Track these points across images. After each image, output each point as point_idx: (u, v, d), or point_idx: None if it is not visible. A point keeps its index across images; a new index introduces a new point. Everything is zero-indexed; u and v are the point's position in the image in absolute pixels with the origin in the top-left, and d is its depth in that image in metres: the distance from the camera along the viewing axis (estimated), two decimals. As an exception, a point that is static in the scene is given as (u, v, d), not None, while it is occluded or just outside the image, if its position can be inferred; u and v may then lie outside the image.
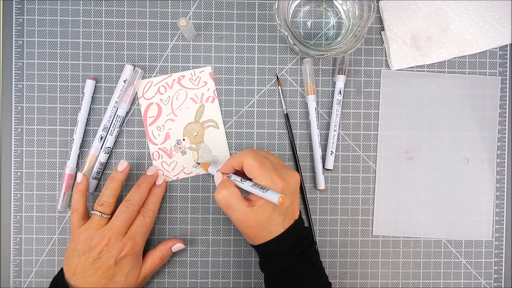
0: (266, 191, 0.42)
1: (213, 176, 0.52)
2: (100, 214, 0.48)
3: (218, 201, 0.45)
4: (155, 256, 0.51)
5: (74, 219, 0.49)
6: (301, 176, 0.54)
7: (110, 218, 0.49)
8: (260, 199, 0.44)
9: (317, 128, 0.54)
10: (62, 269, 0.48)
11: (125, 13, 0.54)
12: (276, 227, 0.45)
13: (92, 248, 0.46)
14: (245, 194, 0.46)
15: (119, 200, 0.50)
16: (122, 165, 0.50)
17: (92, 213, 0.49)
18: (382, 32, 0.55)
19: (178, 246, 0.52)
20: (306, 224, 0.54)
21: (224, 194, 0.45)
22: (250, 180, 0.45)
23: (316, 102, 0.54)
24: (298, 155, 0.55)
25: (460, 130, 0.56)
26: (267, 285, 0.47)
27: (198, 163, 0.54)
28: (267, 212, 0.44)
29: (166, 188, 0.54)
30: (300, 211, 0.48)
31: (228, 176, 0.47)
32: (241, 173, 0.47)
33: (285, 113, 0.54)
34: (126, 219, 0.48)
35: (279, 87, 0.54)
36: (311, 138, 0.55)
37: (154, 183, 0.52)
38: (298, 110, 0.55)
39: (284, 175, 0.45)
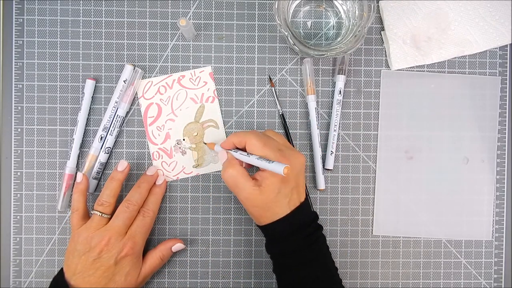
0: (272, 162, 0.42)
1: (217, 173, 0.52)
2: (100, 214, 0.48)
3: (225, 180, 0.45)
4: (155, 256, 0.51)
5: (74, 219, 0.49)
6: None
7: (110, 218, 0.49)
8: (266, 179, 0.44)
9: (317, 128, 0.54)
10: (62, 269, 0.48)
11: (125, 13, 0.54)
12: (281, 208, 0.45)
13: (92, 248, 0.46)
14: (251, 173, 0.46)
15: (119, 200, 0.50)
16: (122, 165, 0.50)
17: (92, 213, 0.49)
18: (382, 32, 0.55)
19: (178, 246, 0.52)
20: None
21: (231, 173, 0.45)
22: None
23: (316, 102, 0.54)
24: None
25: (460, 130, 0.56)
26: (274, 268, 0.47)
27: (205, 143, 0.54)
28: (273, 193, 0.44)
29: (166, 188, 0.54)
30: (307, 194, 0.47)
31: (235, 151, 0.47)
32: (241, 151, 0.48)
33: (281, 113, 0.54)
34: (126, 219, 0.48)
35: (273, 88, 0.54)
36: (311, 138, 0.55)
37: (154, 183, 0.52)
38: (298, 110, 0.55)
39: (289, 156, 0.45)
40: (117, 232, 0.47)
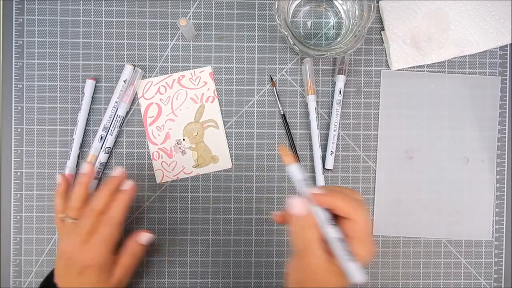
0: (355, 263, 0.34)
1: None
2: (66, 218, 0.46)
3: (296, 237, 0.36)
4: (125, 254, 0.47)
5: (57, 220, 0.48)
6: None
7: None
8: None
9: (317, 128, 0.54)
10: (52, 271, 0.48)
11: (125, 13, 0.54)
12: None
13: (63, 253, 0.44)
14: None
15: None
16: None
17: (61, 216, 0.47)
18: (382, 32, 0.55)
19: (144, 236, 0.47)
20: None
21: (311, 233, 0.35)
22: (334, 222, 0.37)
23: (316, 102, 0.54)
24: (298, 155, 0.55)
25: (460, 130, 0.56)
26: None
27: (279, 143, 0.43)
28: (341, 278, 0.35)
29: (133, 197, 0.48)
30: None
31: (322, 212, 0.36)
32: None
33: (282, 113, 0.54)
34: (87, 226, 0.44)
35: (274, 88, 0.54)
36: (311, 138, 0.55)
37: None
38: (298, 110, 0.55)
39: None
40: (81, 239, 0.44)
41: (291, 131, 0.55)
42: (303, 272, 0.36)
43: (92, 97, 0.54)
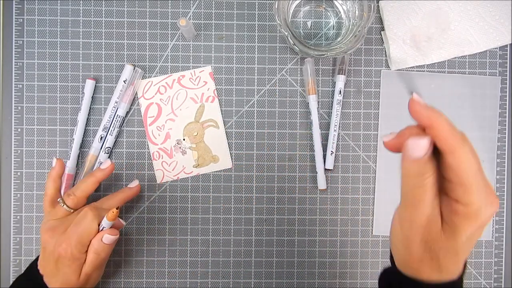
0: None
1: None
2: (62, 204, 0.47)
3: (406, 182, 0.30)
4: (90, 251, 0.45)
5: (45, 202, 0.48)
6: None
7: (72, 213, 0.47)
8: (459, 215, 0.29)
9: (319, 128, 0.54)
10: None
11: (125, 13, 0.54)
12: (455, 264, 0.31)
13: (42, 237, 0.45)
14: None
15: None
16: (105, 164, 0.48)
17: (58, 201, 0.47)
18: (382, 32, 0.55)
19: (106, 237, 0.45)
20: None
21: (425, 184, 0.29)
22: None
23: (317, 102, 0.54)
24: (298, 155, 0.55)
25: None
26: None
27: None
28: (463, 237, 0.29)
29: (140, 192, 0.52)
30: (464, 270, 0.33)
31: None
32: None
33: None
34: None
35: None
36: (311, 138, 0.55)
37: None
38: (298, 110, 0.55)
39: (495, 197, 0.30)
40: (63, 227, 0.45)
41: (291, 131, 0.55)
42: (412, 227, 0.30)
43: (92, 97, 0.54)
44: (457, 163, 0.28)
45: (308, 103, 0.54)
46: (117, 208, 0.43)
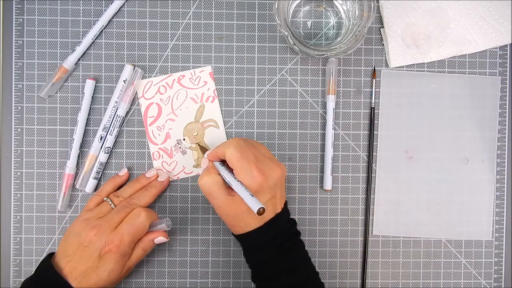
0: (251, 196, 0.41)
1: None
2: (111, 203, 0.49)
3: (201, 187, 0.45)
4: (138, 247, 0.49)
5: (92, 200, 0.50)
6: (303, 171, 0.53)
7: None
8: None
9: (332, 129, 0.54)
10: (49, 254, 0.47)
11: (125, 13, 0.54)
12: (253, 219, 0.44)
13: (85, 233, 0.46)
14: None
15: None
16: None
17: (105, 200, 0.50)
18: (381, 29, 0.55)
19: (160, 239, 0.49)
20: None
21: (206, 180, 0.45)
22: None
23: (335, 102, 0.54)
24: (299, 155, 0.55)
25: (460, 130, 0.56)
26: (252, 277, 0.47)
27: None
28: (245, 204, 0.42)
29: (166, 188, 0.54)
30: (285, 203, 0.47)
31: (220, 165, 0.47)
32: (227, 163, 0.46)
33: (372, 106, 0.55)
34: (125, 214, 0.48)
35: (374, 79, 0.55)
36: (312, 138, 0.55)
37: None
38: (298, 110, 0.55)
39: (265, 168, 0.44)
40: (110, 225, 0.46)
41: (291, 131, 0.55)
42: (216, 210, 0.47)
43: (92, 97, 0.54)
44: (227, 157, 0.45)
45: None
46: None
